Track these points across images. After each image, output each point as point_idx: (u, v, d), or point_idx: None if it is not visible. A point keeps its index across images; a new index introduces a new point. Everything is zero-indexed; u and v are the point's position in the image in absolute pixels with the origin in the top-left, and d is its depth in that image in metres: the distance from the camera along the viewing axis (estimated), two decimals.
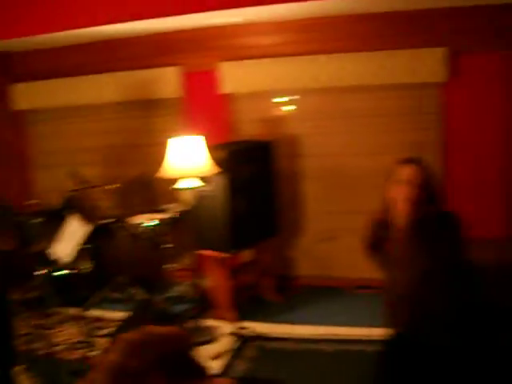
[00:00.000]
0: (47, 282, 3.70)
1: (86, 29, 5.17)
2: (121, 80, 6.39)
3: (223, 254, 5.32)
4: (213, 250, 5.33)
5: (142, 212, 6.08)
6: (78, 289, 4.90)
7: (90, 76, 6.54)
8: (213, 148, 4.92)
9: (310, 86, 5.80)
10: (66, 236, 4.35)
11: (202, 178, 4.83)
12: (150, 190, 6.21)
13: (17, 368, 4.65)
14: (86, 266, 5.17)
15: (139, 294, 5.97)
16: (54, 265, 4.69)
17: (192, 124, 6.02)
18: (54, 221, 6.12)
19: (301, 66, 5.79)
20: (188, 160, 4.66)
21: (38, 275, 5.78)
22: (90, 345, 4.90)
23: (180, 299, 6.00)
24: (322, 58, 5.73)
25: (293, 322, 5.40)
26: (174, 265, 6.15)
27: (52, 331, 5.49)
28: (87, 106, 6.72)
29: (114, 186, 6.15)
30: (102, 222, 6.04)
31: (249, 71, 5.92)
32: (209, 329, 5.29)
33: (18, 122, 7.21)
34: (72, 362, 5.07)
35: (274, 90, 6.05)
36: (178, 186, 4.78)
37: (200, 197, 4.95)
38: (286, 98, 6.14)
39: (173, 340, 1.49)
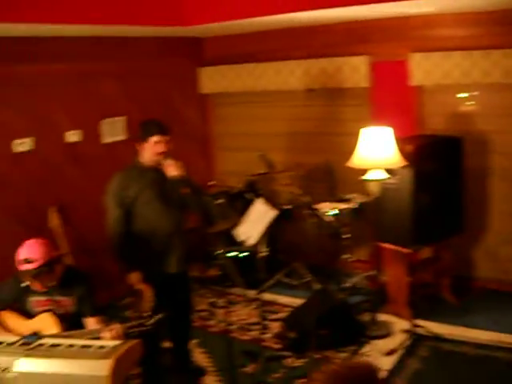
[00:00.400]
0: (228, 261, 4.04)
1: (274, 16, 5.45)
2: (308, 67, 6.71)
3: (403, 249, 5.49)
4: (393, 243, 5.49)
5: (325, 200, 6.34)
6: (255, 271, 5.25)
7: (278, 62, 6.99)
8: (400, 140, 5.06)
9: (501, 81, 5.70)
10: (253, 219, 4.72)
11: (388, 170, 4.99)
12: (333, 178, 6.45)
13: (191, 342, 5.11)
14: (264, 249, 5.52)
15: (314, 281, 6.24)
16: (236, 246, 5.07)
17: (379, 115, 6.19)
18: (234, 202, 6.58)
19: (492, 60, 5.72)
20: (376, 151, 4.86)
21: (218, 254, 6.27)
22: (262, 327, 5.20)
23: (355, 291, 6.22)
24: None
25: (468, 326, 5.50)
26: (352, 255, 6.34)
27: (227, 310, 5.89)
28: (273, 92, 7.19)
29: (298, 172, 6.46)
30: (285, 207, 6.38)
31: (438, 63, 5.96)
32: (383, 323, 5.47)
33: (204, 104, 7.85)
34: (244, 342, 5.48)
35: (461, 84, 6.05)
36: (365, 176, 4.97)
37: (384, 189, 5.11)
38: (472, 93, 6.10)
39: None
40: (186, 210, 4.73)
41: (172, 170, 4.35)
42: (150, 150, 4.44)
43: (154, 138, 4.41)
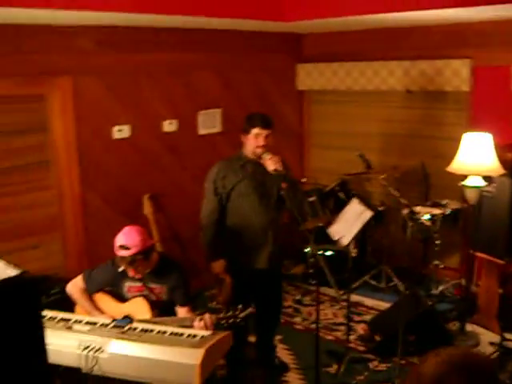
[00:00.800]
0: (320, 259, 4.02)
1: (376, 15, 5.39)
2: (408, 69, 6.60)
3: (497, 260, 5.34)
4: (487, 253, 5.37)
5: (418, 204, 6.24)
6: (342, 271, 5.22)
7: (377, 62, 6.91)
8: (499, 148, 4.93)
9: None
10: (348, 218, 4.68)
11: (486, 178, 4.87)
12: (428, 182, 6.34)
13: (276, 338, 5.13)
14: (354, 249, 5.48)
15: (402, 286, 6.16)
16: (326, 244, 5.05)
17: (479, 120, 6.03)
18: (326, 200, 6.56)
19: None
20: (475, 157, 4.76)
21: (308, 252, 6.26)
22: (347, 328, 5.16)
23: (443, 298, 6.10)
24: None
25: None
26: (442, 262, 6.23)
27: (312, 309, 5.88)
28: (370, 92, 7.12)
29: (394, 174, 6.37)
30: (379, 208, 6.32)
31: None
32: (471, 334, 5.35)
33: (301, 101, 7.84)
34: (328, 342, 5.45)
35: None
36: (463, 182, 4.87)
37: (481, 197, 4.98)
38: None
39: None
40: (282, 206, 4.73)
41: (271, 164, 4.35)
42: (251, 142, 4.47)
43: (255, 131, 4.44)
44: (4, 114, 5.20)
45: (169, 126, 6.31)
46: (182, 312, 4.00)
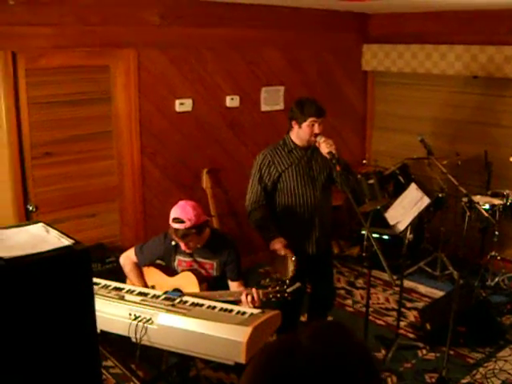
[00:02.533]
0: (375, 243, 3.98)
1: None
2: (475, 54, 6.43)
3: None
4: None
5: (479, 193, 6.12)
6: (397, 256, 5.15)
7: (444, 45, 6.73)
8: None
9: None
10: (405, 204, 4.62)
11: None
12: (490, 171, 6.20)
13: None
14: (410, 235, 5.42)
15: (457, 275, 6.05)
16: (384, 228, 4.99)
17: None
18: (386, 184, 6.49)
19: None
20: None
21: (364, 235, 6.21)
22: (398, 314, 5.12)
23: (499, 290, 5.98)
24: None
25: None
26: (499, 253, 6.11)
27: (364, 292, 5.84)
28: (436, 76, 6.98)
29: (455, 161, 6.26)
30: (439, 195, 6.22)
31: None
32: None
33: (365, 82, 7.73)
34: (378, 326, 5.42)
35: None
36: None
37: None
38: None
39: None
40: (331, 190, 4.70)
41: (325, 147, 4.31)
42: (305, 130, 4.42)
43: (311, 119, 4.35)
44: (71, 84, 5.29)
45: (231, 101, 6.31)
46: (233, 286, 4.03)
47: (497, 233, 6.02)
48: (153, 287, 4.10)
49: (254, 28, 6.31)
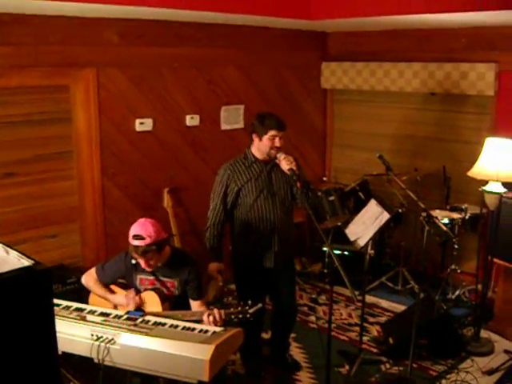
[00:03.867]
0: (334, 259, 4.02)
1: (402, 16, 5.36)
2: (432, 71, 6.57)
3: None
4: (505, 259, 5.33)
5: (438, 207, 6.23)
6: (359, 272, 5.21)
7: (402, 63, 6.88)
8: None
9: None
10: (365, 219, 4.67)
11: (506, 184, 4.84)
12: (448, 186, 6.31)
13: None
14: (371, 250, 5.47)
15: (418, 289, 6.13)
16: (344, 244, 5.04)
17: (502, 125, 6.02)
18: (346, 200, 6.56)
19: None
20: (497, 163, 4.73)
21: (325, 251, 6.25)
22: (361, 329, 5.17)
23: (459, 303, 6.08)
24: None
25: None
26: (459, 267, 6.21)
27: (327, 308, 5.88)
28: (394, 93, 7.10)
29: (414, 176, 6.36)
30: (398, 210, 6.31)
31: None
32: (486, 341, 5.32)
33: (325, 99, 7.81)
34: (341, 342, 5.46)
35: None
36: (484, 188, 4.85)
37: (501, 203, 4.95)
38: None
39: None
40: (293, 206, 4.76)
41: (285, 163, 4.36)
42: (265, 143, 4.47)
43: (272, 132, 4.42)
44: (30, 104, 5.27)
45: (191, 120, 6.33)
46: (194, 305, 4.04)
47: (456, 246, 6.12)
48: (115, 307, 4.09)
49: (213, 47, 6.35)
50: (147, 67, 5.90)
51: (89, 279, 4.19)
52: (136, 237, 3.80)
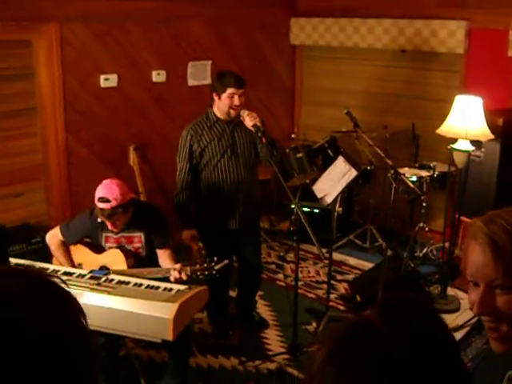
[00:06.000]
0: (303, 216, 4.00)
1: None
2: (403, 28, 6.51)
3: None
4: (472, 217, 5.28)
5: (407, 165, 6.22)
6: (327, 229, 5.20)
7: (371, 19, 6.78)
8: (490, 112, 4.87)
9: None
10: (332, 177, 4.64)
11: (474, 142, 4.83)
12: (417, 144, 6.30)
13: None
14: (339, 208, 5.47)
15: (386, 247, 6.16)
16: (312, 201, 5.03)
17: (471, 84, 5.99)
18: (314, 158, 6.53)
19: None
20: (465, 121, 4.71)
21: (292, 209, 6.25)
22: (328, 287, 5.17)
23: (427, 261, 6.12)
24: None
25: None
26: (427, 225, 6.23)
27: (294, 266, 5.89)
28: (363, 50, 7.03)
29: (383, 134, 6.33)
30: (365, 167, 6.29)
31: None
32: (452, 298, 5.36)
33: (294, 56, 7.69)
34: (309, 300, 5.48)
35: None
36: (452, 146, 4.84)
37: (469, 161, 4.95)
38: None
39: None
40: (257, 165, 4.72)
41: (249, 120, 4.30)
42: (224, 102, 4.40)
43: (230, 90, 4.36)
44: None
45: (157, 76, 6.21)
46: (161, 255, 4.00)
47: (424, 204, 6.13)
48: (80, 265, 4.03)
49: (180, 2, 6.20)
50: (112, 22, 5.74)
51: (53, 241, 4.10)
52: (101, 199, 3.73)
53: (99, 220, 3.90)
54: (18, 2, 5.04)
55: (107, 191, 3.75)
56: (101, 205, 3.73)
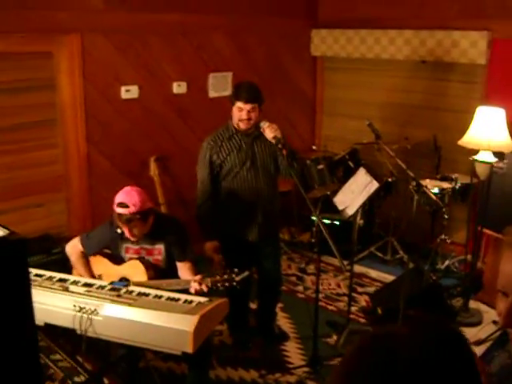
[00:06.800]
0: (322, 228, 3.98)
1: None
2: (424, 38, 6.47)
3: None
4: (494, 230, 5.28)
5: (427, 177, 6.16)
6: (348, 241, 5.18)
7: (393, 30, 6.76)
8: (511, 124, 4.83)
9: None
10: (353, 188, 4.61)
11: (496, 154, 4.79)
12: (439, 155, 6.25)
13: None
14: (360, 220, 5.43)
15: (407, 259, 6.11)
16: (333, 213, 5.00)
17: (493, 94, 5.93)
18: (335, 169, 6.50)
19: None
20: (488, 132, 4.67)
21: (313, 220, 6.22)
22: (349, 299, 5.13)
23: (449, 274, 6.07)
24: None
25: None
26: (449, 237, 6.17)
27: (315, 278, 5.86)
28: (385, 61, 6.99)
29: (404, 145, 6.29)
30: (387, 179, 6.25)
31: None
32: (474, 311, 5.31)
33: (314, 67, 7.72)
34: (329, 312, 5.44)
35: None
36: (475, 157, 4.80)
37: (491, 173, 4.90)
38: None
39: None
40: (277, 177, 4.70)
41: (269, 132, 4.29)
42: (234, 113, 4.41)
43: (238, 104, 4.36)
44: (12, 71, 5.16)
45: (178, 87, 6.23)
46: (182, 268, 3.98)
47: (446, 216, 6.08)
48: (100, 276, 4.03)
49: (201, 13, 6.22)
50: (133, 33, 5.77)
51: (73, 251, 4.10)
52: (120, 204, 3.73)
53: (119, 230, 3.90)
54: (40, 13, 5.08)
55: (126, 197, 3.76)
56: (119, 210, 3.73)
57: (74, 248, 4.11)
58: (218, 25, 6.44)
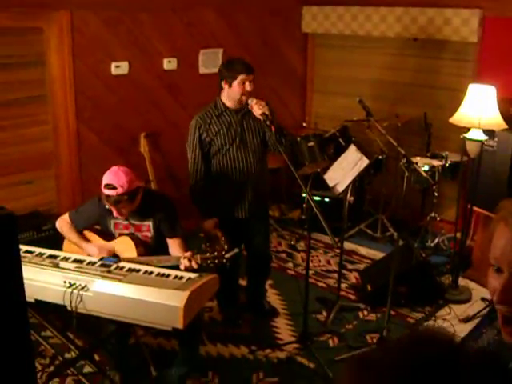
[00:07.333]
0: (313, 205, 3.97)
1: None
2: (416, 16, 6.42)
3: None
4: (484, 208, 5.29)
5: (418, 155, 6.16)
6: (338, 219, 5.18)
7: (384, 8, 6.73)
8: (502, 101, 4.82)
9: None
10: (344, 165, 4.61)
11: (487, 132, 4.79)
12: (429, 133, 6.24)
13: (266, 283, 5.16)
14: (350, 197, 5.42)
15: (397, 236, 6.12)
16: (324, 190, 5.00)
17: (484, 72, 5.91)
18: (326, 146, 6.49)
19: None
20: (478, 110, 4.65)
21: (304, 197, 6.23)
22: (339, 276, 5.15)
23: (438, 251, 6.08)
24: None
25: None
26: (439, 215, 6.19)
27: (305, 254, 5.88)
28: (375, 38, 6.96)
29: (395, 123, 6.28)
30: (378, 157, 6.24)
31: None
32: (463, 288, 5.34)
33: (306, 44, 7.64)
34: (319, 289, 5.46)
35: None
36: (465, 135, 4.80)
37: (482, 151, 4.90)
38: None
39: None
40: (267, 154, 4.69)
41: (257, 108, 4.26)
42: (235, 89, 4.37)
43: (241, 77, 4.31)
44: (2, 47, 5.10)
45: (168, 64, 6.18)
46: (172, 244, 3.98)
47: (436, 194, 6.10)
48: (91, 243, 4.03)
49: None
50: (123, 9, 5.71)
51: (62, 224, 4.11)
52: (108, 186, 3.71)
53: (107, 207, 3.89)
54: None
55: (114, 178, 3.74)
56: (107, 191, 3.71)
57: (63, 221, 4.11)
58: (208, 1, 6.38)
